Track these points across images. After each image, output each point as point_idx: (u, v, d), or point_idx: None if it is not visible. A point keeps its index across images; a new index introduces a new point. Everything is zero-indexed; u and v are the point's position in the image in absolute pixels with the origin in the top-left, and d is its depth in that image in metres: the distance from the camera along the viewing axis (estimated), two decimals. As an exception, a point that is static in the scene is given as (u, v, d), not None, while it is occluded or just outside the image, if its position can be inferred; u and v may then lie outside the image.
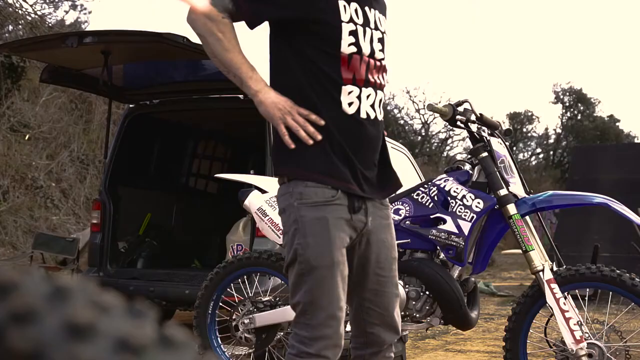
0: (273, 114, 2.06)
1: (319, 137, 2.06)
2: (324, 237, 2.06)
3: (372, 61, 2.14)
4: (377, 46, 2.16)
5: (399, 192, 3.38)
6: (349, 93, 2.09)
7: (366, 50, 2.12)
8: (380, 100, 2.19)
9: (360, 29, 2.11)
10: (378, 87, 2.17)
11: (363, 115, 2.12)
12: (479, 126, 3.13)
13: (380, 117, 2.20)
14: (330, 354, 2.06)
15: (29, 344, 0.42)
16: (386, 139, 2.35)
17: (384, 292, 2.23)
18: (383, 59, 2.20)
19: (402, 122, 28.30)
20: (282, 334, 3.49)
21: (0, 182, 9.81)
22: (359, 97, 2.11)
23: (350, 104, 2.10)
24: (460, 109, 3.07)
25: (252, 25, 2.12)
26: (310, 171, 2.08)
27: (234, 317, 3.59)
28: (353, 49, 2.09)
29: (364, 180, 2.14)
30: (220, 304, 3.69)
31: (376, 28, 2.17)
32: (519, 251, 3.03)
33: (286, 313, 3.34)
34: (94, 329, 0.43)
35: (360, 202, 2.14)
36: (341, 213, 2.10)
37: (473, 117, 3.08)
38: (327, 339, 2.05)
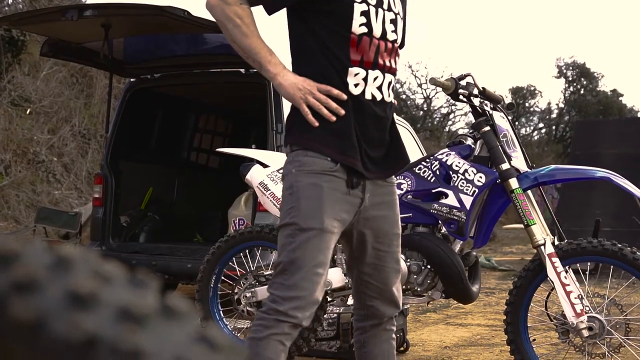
0: (294, 94, 2.09)
1: (342, 112, 2.09)
2: (316, 202, 2.08)
3: (382, 43, 2.15)
4: (389, 27, 2.17)
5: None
6: (355, 75, 2.12)
7: (377, 31, 2.14)
8: (390, 83, 2.20)
9: (372, 10, 2.13)
10: (387, 70, 2.18)
11: (368, 96, 2.14)
12: (482, 100, 3.11)
13: (389, 99, 2.21)
14: (299, 314, 2.06)
15: (32, 313, 0.43)
16: None
17: (383, 267, 2.26)
18: (395, 40, 2.21)
19: (404, 96, 28.20)
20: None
21: (2, 156, 9.82)
22: (365, 79, 2.13)
23: (356, 85, 2.12)
24: (463, 82, 3.06)
25: (270, 11, 2.15)
26: (312, 141, 2.11)
27: (235, 291, 3.61)
28: (364, 29, 2.11)
29: (367, 158, 2.15)
30: (222, 277, 3.71)
31: (389, 9, 2.18)
32: (521, 226, 3.04)
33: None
34: (96, 298, 0.43)
35: (359, 179, 2.15)
36: (338, 185, 2.11)
37: (475, 91, 3.07)
38: (299, 300, 2.05)
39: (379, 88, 2.16)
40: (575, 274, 3.03)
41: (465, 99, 3.06)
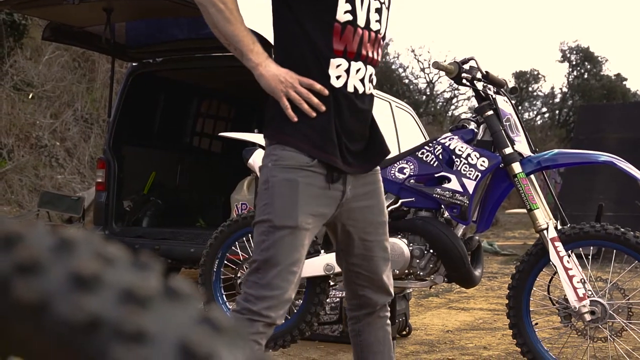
0: (275, 86, 2.03)
1: (323, 108, 2.04)
2: (291, 199, 2.04)
3: (366, 33, 2.09)
4: (373, 16, 2.11)
5: (403, 151, 3.38)
6: (338, 66, 2.06)
7: (361, 19, 2.08)
8: (371, 75, 2.15)
9: None
10: (369, 61, 2.13)
11: (350, 89, 2.09)
12: (485, 84, 3.10)
13: (370, 91, 2.16)
14: (273, 314, 2.05)
15: (35, 294, 0.43)
16: (391, 97, 2.33)
17: (372, 257, 2.23)
18: (379, 30, 2.15)
19: (406, 81, 28.13)
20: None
21: (5, 140, 9.82)
22: (347, 71, 2.07)
23: (338, 78, 2.07)
24: (466, 66, 3.05)
25: None
26: (290, 136, 2.06)
27: (238, 275, 3.62)
28: (349, 17, 2.05)
29: (348, 152, 2.10)
30: (225, 262, 3.72)
31: None
32: (523, 211, 3.04)
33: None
34: (99, 280, 0.43)
35: (339, 173, 2.11)
36: (315, 181, 2.07)
37: (479, 75, 3.06)
38: (273, 299, 2.04)
39: (362, 80, 2.11)
40: (577, 259, 3.03)
41: (468, 83, 3.05)
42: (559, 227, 3.04)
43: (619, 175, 3.45)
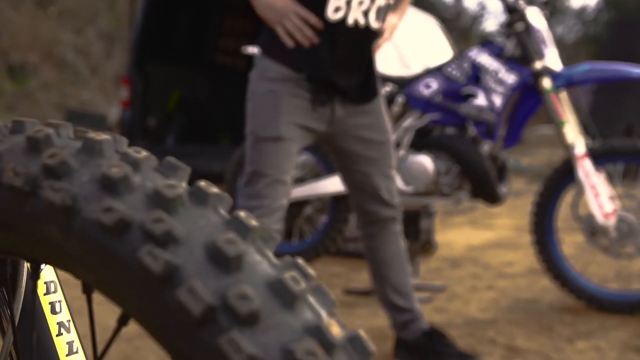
0: (268, 15, 2.09)
1: (316, 41, 2.07)
2: (273, 109, 2.09)
3: None
4: None
5: (432, 66, 3.31)
6: None
7: None
8: (379, 8, 2.12)
9: None
10: None
11: (350, 21, 2.08)
12: (516, -4, 3.00)
13: (375, 25, 2.14)
14: (265, 221, 2.11)
15: (63, 196, 0.42)
16: (415, 11, 2.28)
17: (374, 174, 2.26)
18: None
19: (433, -4, 27.43)
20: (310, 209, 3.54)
21: (29, 57, 9.83)
22: (348, 3, 2.07)
23: (336, 10, 2.07)
24: (497, -23, 2.94)
25: None
26: (280, 53, 2.10)
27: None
28: None
29: (338, 76, 2.11)
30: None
31: None
32: (552, 130, 2.98)
33: (315, 188, 3.37)
34: (127, 182, 0.43)
35: (326, 96, 2.12)
36: (300, 92, 2.10)
37: (510, -13, 2.96)
38: (263, 208, 2.11)
39: (365, 13, 2.09)
40: (606, 176, 2.99)
41: (498, -5, 2.96)
42: (588, 143, 3.00)
43: (651, 91, 3.36)
